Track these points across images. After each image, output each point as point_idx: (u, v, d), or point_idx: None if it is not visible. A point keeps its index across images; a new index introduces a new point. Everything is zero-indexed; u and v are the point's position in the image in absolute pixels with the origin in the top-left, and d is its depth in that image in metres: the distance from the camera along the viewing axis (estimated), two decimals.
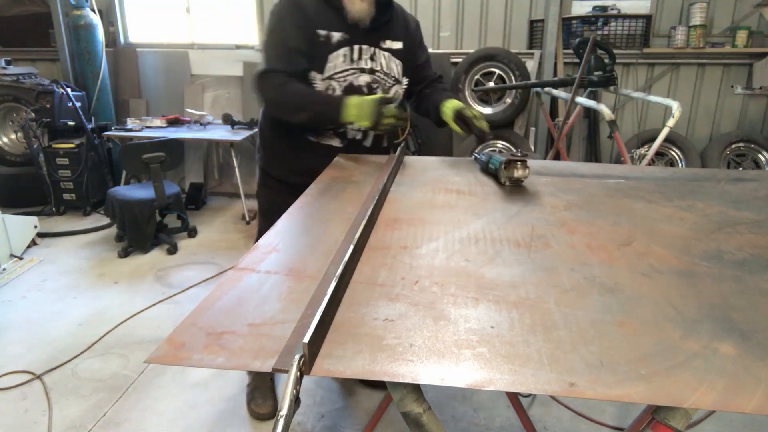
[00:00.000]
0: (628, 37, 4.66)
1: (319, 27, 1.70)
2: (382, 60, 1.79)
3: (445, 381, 0.65)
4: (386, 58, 1.80)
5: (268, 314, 0.80)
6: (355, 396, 2.25)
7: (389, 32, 1.81)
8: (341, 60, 1.72)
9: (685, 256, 1.03)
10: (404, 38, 1.85)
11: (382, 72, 1.79)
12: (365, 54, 1.75)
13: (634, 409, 2.08)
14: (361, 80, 1.76)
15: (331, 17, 1.71)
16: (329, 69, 1.71)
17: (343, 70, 1.73)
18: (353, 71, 1.74)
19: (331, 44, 1.70)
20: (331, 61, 1.71)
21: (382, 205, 1.33)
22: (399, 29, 1.85)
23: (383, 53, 1.79)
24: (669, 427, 0.70)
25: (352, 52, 1.73)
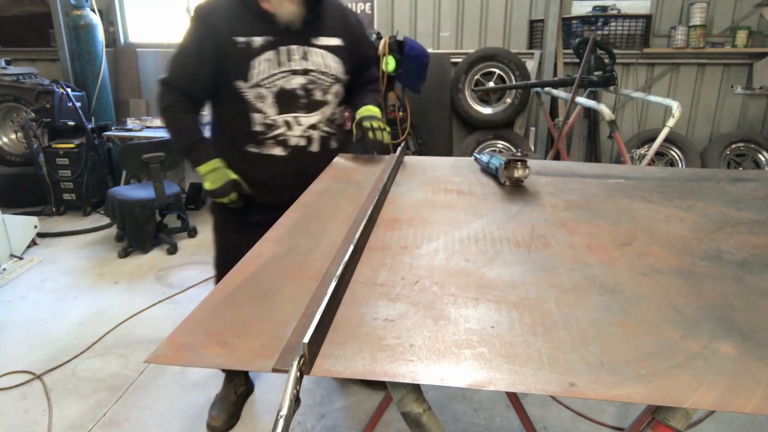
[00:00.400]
0: (628, 37, 4.66)
1: (236, 34, 1.62)
2: (317, 58, 1.69)
3: (445, 381, 0.65)
4: (321, 56, 1.69)
5: (268, 314, 0.80)
6: (355, 396, 2.25)
7: (322, 29, 1.71)
8: (266, 65, 1.63)
9: (685, 256, 1.03)
10: (343, 34, 1.76)
11: (318, 71, 1.69)
12: (295, 54, 1.66)
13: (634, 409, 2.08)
14: (294, 83, 1.66)
15: (251, 22, 1.63)
16: (254, 76, 1.63)
17: (270, 75, 1.64)
18: (283, 74, 1.65)
19: (252, 50, 1.62)
20: (255, 68, 1.62)
21: (382, 205, 1.33)
22: (335, 25, 1.75)
23: (317, 51, 1.69)
24: (669, 427, 0.70)
25: (279, 54, 1.64)
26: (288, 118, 1.68)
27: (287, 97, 1.66)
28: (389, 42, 3.67)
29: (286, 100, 1.66)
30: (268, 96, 1.65)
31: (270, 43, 1.62)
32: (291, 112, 1.68)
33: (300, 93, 1.67)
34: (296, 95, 1.67)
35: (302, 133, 1.70)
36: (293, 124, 1.69)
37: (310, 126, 1.71)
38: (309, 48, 1.67)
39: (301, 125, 1.70)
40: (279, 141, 1.69)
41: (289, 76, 1.65)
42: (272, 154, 1.71)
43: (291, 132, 1.68)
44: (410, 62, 3.76)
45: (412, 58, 3.75)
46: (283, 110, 1.67)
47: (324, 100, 1.72)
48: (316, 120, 1.72)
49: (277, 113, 1.67)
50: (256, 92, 1.64)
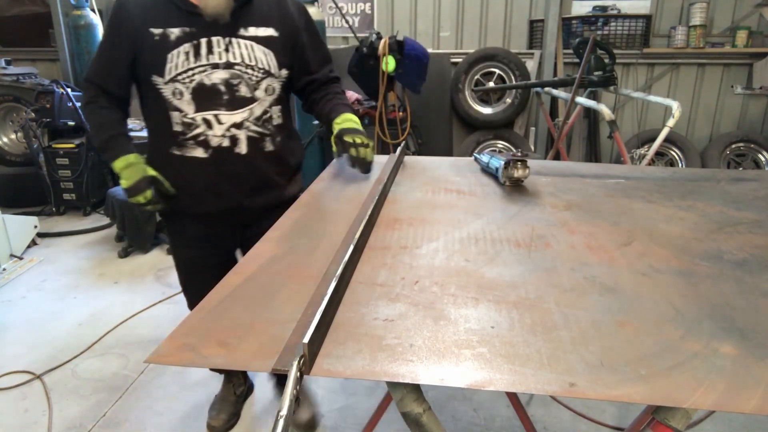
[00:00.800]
0: (628, 37, 4.67)
1: (152, 25, 1.48)
2: (242, 50, 1.52)
3: (445, 381, 0.65)
4: (248, 47, 1.52)
5: (268, 314, 0.80)
6: (355, 396, 2.25)
7: (251, 17, 1.54)
8: (183, 58, 1.48)
9: (685, 256, 1.03)
10: (278, 24, 1.58)
11: (243, 64, 1.52)
12: (218, 47, 1.49)
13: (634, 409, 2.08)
14: (215, 77, 1.50)
15: (169, 12, 1.49)
16: (170, 70, 1.48)
17: (188, 70, 1.49)
18: (202, 68, 1.49)
19: (168, 42, 1.48)
20: (171, 61, 1.48)
21: (382, 205, 1.33)
22: (269, 13, 1.57)
23: (243, 42, 1.52)
24: (669, 427, 0.70)
25: (198, 47, 1.48)
26: (207, 116, 1.51)
27: (206, 93, 1.50)
28: (389, 42, 3.67)
29: (205, 97, 1.50)
30: (185, 92, 1.50)
31: (188, 35, 1.48)
32: (210, 110, 1.51)
33: (221, 89, 1.51)
34: (217, 91, 1.51)
35: (224, 133, 1.53)
36: (213, 123, 1.52)
37: (234, 125, 1.53)
38: (234, 39, 1.51)
39: (223, 124, 1.52)
40: (199, 141, 1.53)
41: (209, 70, 1.49)
42: (194, 156, 1.54)
43: (211, 131, 1.52)
44: (410, 62, 3.75)
45: (412, 58, 3.75)
46: (202, 107, 1.51)
47: (251, 97, 1.55)
48: (241, 118, 1.54)
49: (195, 111, 1.51)
50: (172, 88, 1.50)
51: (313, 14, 3.75)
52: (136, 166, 1.55)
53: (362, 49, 3.74)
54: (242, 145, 1.56)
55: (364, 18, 5.02)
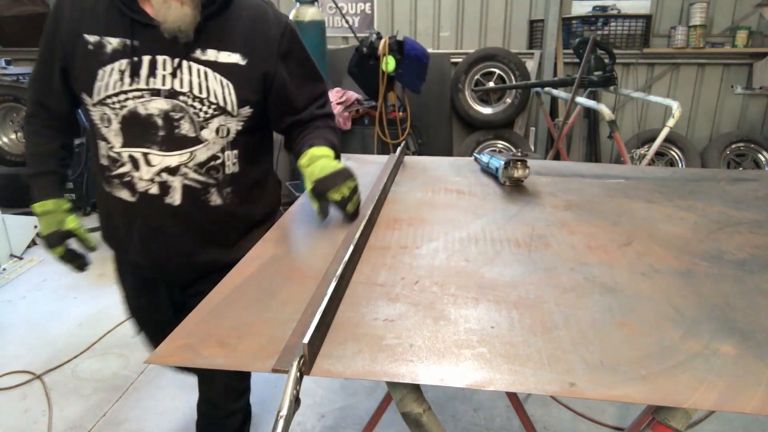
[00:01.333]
0: (628, 37, 4.67)
1: (88, 30, 1.19)
2: (192, 78, 1.19)
3: (445, 381, 0.65)
4: (201, 75, 1.19)
5: (268, 314, 0.80)
6: (355, 396, 2.25)
7: (213, 36, 1.21)
8: (116, 77, 1.17)
9: (685, 256, 1.03)
10: (247, 48, 1.23)
11: (191, 95, 1.19)
12: (162, 68, 1.18)
13: (634, 409, 2.08)
14: (152, 107, 1.18)
15: (110, 17, 1.18)
16: (99, 90, 1.18)
17: (120, 92, 1.18)
18: (138, 93, 1.18)
19: (102, 54, 1.18)
20: (102, 79, 1.17)
21: (382, 205, 1.33)
22: (238, 33, 1.23)
23: (197, 68, 1.19)
24: (669, 427, 0.70)
25: (137, 66, 1.17)
26: (135, 153, 1.20)
27: (138, 124, 1.19)
28: (389, 42, 3.67)
29: (136, 129, 1.19)
30: (113, 120, 1.19)
31: (128, 49, 1.17)
32: (140, 146, 1.20)
33: (158, 122, 1.19)
34: (152, 124, 1.19)
35: (153, 177, 1.21)
36: (141, 163, 1.20)
37: (166, 169, 1.21)
38: (185, 62, 1.19)
39: (152, 166, 1.20)
40: (125, 183, 1.23)
41: (146, 96, 1.18)
42: (120, 198, 1.25)
43: (137, 173, 1.21)
44: (410, 62, 3.75)
45: (412, 58, 3.75)
46: (131, 142, 1.20)
47: (195, 137, 1.21)
48: (177, 162, 1.21)
49: (122, 145, 1.20)
50: (100, 112, 1.20)
51: (313, 14, 3.76)
52: (53, 216, 1.33)
53: (362, 49, 3.74)
54: (175, 194, 1.23)
55: (364, 18, 5.02)
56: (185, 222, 1.27)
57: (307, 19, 3.74)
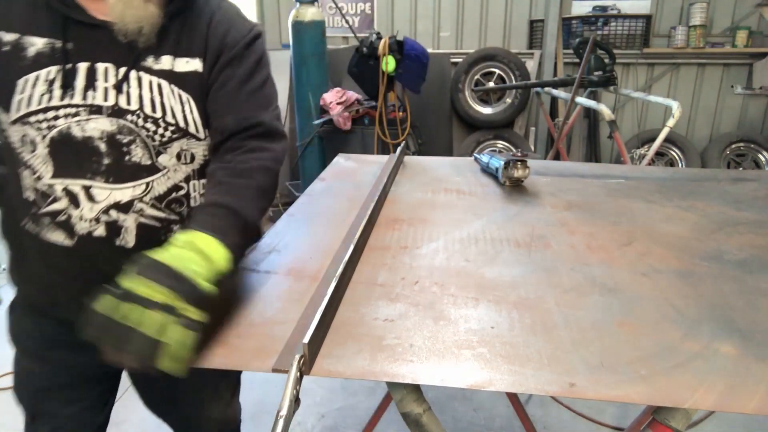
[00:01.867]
0: (628, 37, 4.66)
1: (3, 27, 0.91)
2: (143, 92, 0.93)
3: (445, 381, 0.65)
4: (154, 88, 0.94)
5: (268, 314, 0.80)
6: (355, 396, 2.25)
7: (170, 40, 0.95)
8: (42, 89, 0.90)
9: (685, 256, 1.03)
10: (208, 52, 0.98)
11: (142, 114, 0.93)
12: (104, 80, 0.91)
13: (634, 409, 2.08)
14: (91, 129, 0.91)
15: (33, 11, 0.91)
16: (18, 105, 0.90)
17: (47, 108, 0.90)
18: (73, 111, 0.91)
19: (22, 59, 0.90)
20: (22, 91, 0.90)
21: (382, 205, 1.33)
22: (196, 34, 0.98)
23: (148, 79, 0.94)
24: (669, 427, 0.70)
25: (71, 75, 0.90)
26: (73, 186, 0.93)
27: (74, 150, 0.92)
28: (389, 42, 3.67)
29: (70, 156, 0.92)
30: (39, 143, 0.92)
31: (58, 53, 0.90)
32: (78, 178, 0.93)
33: (100, 147, 0.92)
34: (93, 150, 0.92)
35: (98, 216, 0.94)
36: (82, 199, 0.93)
37: (115, 206, 0.94)
38: (134, 72, 0.93)
39: (97, 203, 0.94)
40: (60, 223, 0.95)
41: (82, 114, 0.91)
42: (52, 242, 0.96)
43: (77, 211, 0.94)
44: (410, 62, 3.75)
45: (412, 58, 3.75)
46: (65, 172, 0.93)
47: (151, 165, 0.96)
48: (130, 197, 0.95)
49: (53, 175, 0.93)
50: (21, 132, 0.92)
51: (313, 14, 3.76)
52: None
53: (362, 49, 3.74)
54: (128, 235, 0.97)
55: (364, 18, 5.02)
56: None
57: (307, 19, 3.74)
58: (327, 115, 3.87)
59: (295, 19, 3.76)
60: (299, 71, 3.91)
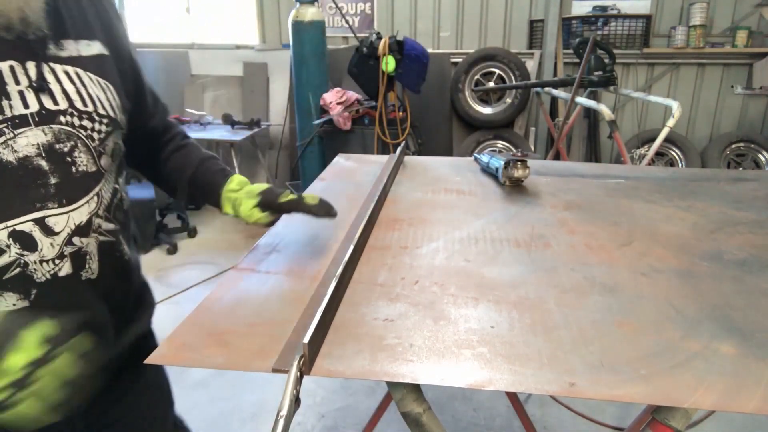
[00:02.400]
0: (628, 37, 4.66)
1: None
2: (65, 86, 0.79)
3: (445, 381, 0.65)
4: (75, 78, 0.80)
5: (268, 314, 0.80)
6: (355, 396, 2.25)
7: (63, 22, 0.81)
8: None
9: (685, 256, 1.03)
10: (103, 31, 0.88)
11: (75, 112, 0.79)
12: (15, 82, 0.73)
13: (634, 409, 2.09)
14: (23, 146, 0.73)
15: None
16: None
17: None
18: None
19: None
20: None
21: (382, 205, 1.33)
22: (83, 11, 0.85)
23: (63, 70, 0.79)
24: (669, 427, 0.70)
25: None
26: (23, 226, 0.74)
27: (12, 180, 0.73)
28: (389, 42, 3.67)
29: (9, 189, 0.73)
30: None
31: None
32: (28, 212, 0.75)
33: (42, 165, 0.76)
34: (35, 171, 0.75)
35: (61, 250, 0.78)
36: (38, 237, 0.76)
37: (77, 230, 0.80)
38: (48, 65, 0.78)
39: (56, 234, 0.77)
40: (9, 280, 0.75)
41: (8, 131, 0.72)
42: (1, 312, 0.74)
43: (35, 254, 0.76)
44: (410, 62, 3.75)
45: (412, 58, 3.75)
46: (6, 211, 0.73)
47: (97, 171, 0.83)
48: (88, 214, 0.81)
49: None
50: None
51: (313, 14, 3.76)
52: None
53: (362, 49, 3.74)
54: (93, 263, 0.83)
55: (364, 18, 5.02)
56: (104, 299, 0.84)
57: (307, 19, 3.74)
58: (327, 115, 3.87)
59: (295, 19, 3.76)
60: (299, 71, 3.91)
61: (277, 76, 5.15)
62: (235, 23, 5.34)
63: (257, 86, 5.20)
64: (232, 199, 1.00)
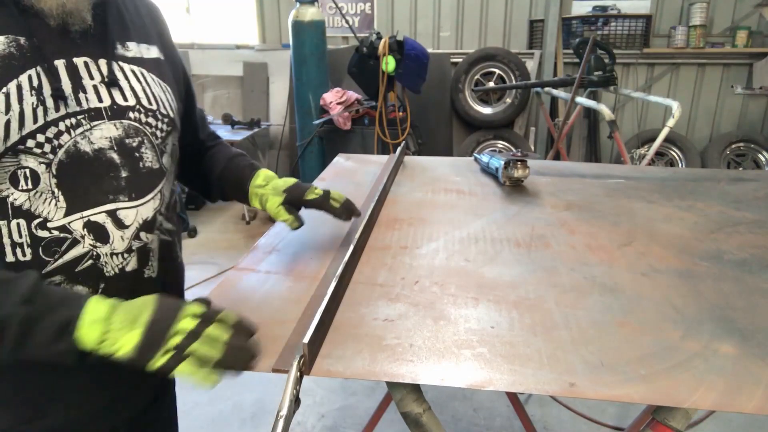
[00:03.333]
0: (628, 37, 4.66)
1: None
2: (133, 84, 0.82)
3: (445, 381, 0.65)
4: (141, 78, 0.83)
5: (268, 314, 0.80)
6: (355, 396, 2.25)
7: (121, 23, 0.83)
8: (32, 100, 0.70)
9: (685, 256, 1.03)
10: (158, 38, 0.91)
11: (142, 109, 0.82)
12: (88, 76, 0.76)
13: (634, 409, 2.08)
14: (98, 139, 0.75)
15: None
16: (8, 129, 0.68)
17: (44, 126, 0.71)
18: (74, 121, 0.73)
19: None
20: (8, 108, 0.68)
21: (382, 205, 1.33)
22: (139, 15, 0.88)
23: (131, 69, 0.82)
24: (669, 427, 0.70)
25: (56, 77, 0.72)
26: (97, 216, 0.76)
27: (89, 171, 0.75)
28: (389, 42, 3.67)
29: (86, 180, 0.75)
30: (42, 174, 0.71)
31: (28, 51, 0.70)
32: (101, 204, 0.76)
33: (114, 158, 0.77)
34: (108, 164, 0.77)
35: (130, 245, 0.80)
36: (111, 229, 0.77)
37: (144, 226, 0.81)
38: (115, 62, 0.80)
39: (127, 227, 0.79)
40: (81, 273, 0.75)
41: (85, 123, 0.74)
42: None
43: (106, 247, 0.77)
44: (410, 62, 3.75)
45: (412, 58, 3.75)
46: (82, 202, 0.75)
47: (159, 169, 0.85)
48: (153, 210, 0.83)
49: (67, 212, 0.73)
50: (11, 167, 0.70)
51: (313, 14, 3.76)
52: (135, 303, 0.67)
53: (362, 49, 3.74)
54: (154, 261, 0.85)
55: (364, 18, 5.02)
56: None
57: (307, 19, 3.74)
58: (327, 115, 3.87)
59: (295, 19, 3.76)
60: (299, 71, 3.91)
61: (277, 76, 5.15)
62: (235, 23, 5.34)
63: (257, 86, 5.20)
64: (258, 194, 1.00)
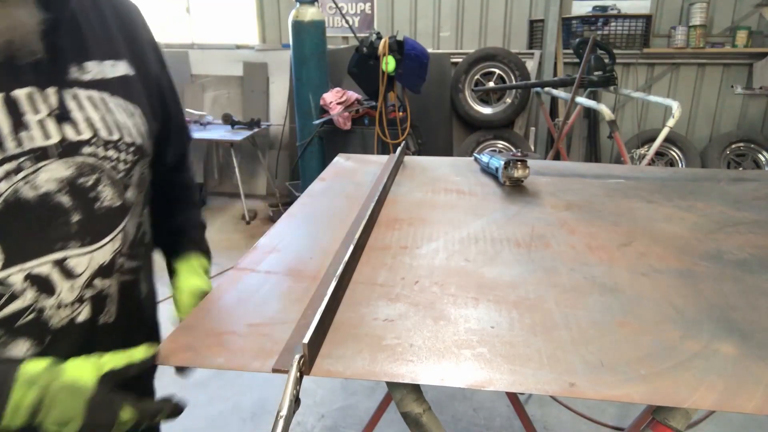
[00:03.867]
0: (628, 37, 4.67)
1: None
2: (89, 113, 0.72)
3: (445, 381, 0.65)
4: (99, 104, 0.74)
5: (268, 314, 0.80)
6: (355, 396, 2.25)
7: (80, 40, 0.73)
8: None
9: (685, 256, 1.03)
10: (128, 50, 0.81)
11: (100, 142, 0.73)
12: (33, 111, 0.67)
13: (634, 409, 2.09)
14: (43, 182, 0.68)
15: None
16: None
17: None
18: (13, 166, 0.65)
19: None
20: None
21: (382, 205, 1.33)
22: (106, 28, 0.79)
23: (86, 94, 0.72)
24: (669, 427, 0.70)
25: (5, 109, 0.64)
26: (41, 268, 0.69)
27: (30, 218, 0.68)
28: (389, 42, 3.67)
29: (27, 229, 0.68)
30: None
31: None
32: (46, 253, 0.69)
33: (63, 202, 0.70)
34: (55, 209, 0.69)
35: (81, 294, 0.73)
36: (56, 280, 0.70)
37: (99, 272, 0.75)
38: (68, 90, 0.71)
39: (77, 276, 0.72)
40: (22, 327, 0.68)
41: (28, 165, 0.66)
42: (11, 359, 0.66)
43: (52, 299, 0.70)
44: (410, 62, 3.75)
45: (412, 58, 3.75)
46: (22, 253, 0.67)
47: (121, 206, 0.78)
48: (112, 253, 0.76)
49: (4, 264, 0.66)
50: None
51: (313, 14, 3.76)
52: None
53: (362, 49, 3.74)
54: (112, 306, 0.78)
55: (364, 18, 5.02)
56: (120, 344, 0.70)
57: (307, 19, 3.74)
58: (327, 115, 3.87)
59: (295, 19, 3.76)
60: (299, 71, 3.91)
61: (277, 76, 5.15)
62: (235, 23, 5.34)
63: (257, 86, 5.20)
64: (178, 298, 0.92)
